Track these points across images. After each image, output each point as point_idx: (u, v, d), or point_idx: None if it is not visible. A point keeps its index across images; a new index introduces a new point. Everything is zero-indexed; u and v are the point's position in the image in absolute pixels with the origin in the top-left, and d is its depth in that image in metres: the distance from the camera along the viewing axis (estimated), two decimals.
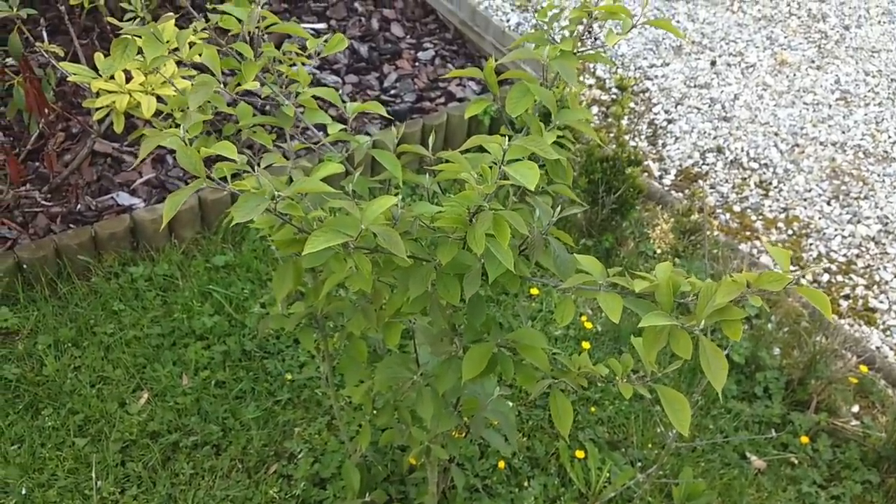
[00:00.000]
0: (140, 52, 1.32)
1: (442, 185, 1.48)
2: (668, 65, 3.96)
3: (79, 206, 2.67)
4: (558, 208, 1.24)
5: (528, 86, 1.34)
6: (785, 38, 4.18)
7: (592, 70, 3.86)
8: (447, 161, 1.20)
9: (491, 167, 1.13)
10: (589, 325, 2.60)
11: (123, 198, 2.75)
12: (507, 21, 4.11)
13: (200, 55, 1.20)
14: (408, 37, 3.70)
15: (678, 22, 4.24)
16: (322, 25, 3.62)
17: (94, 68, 2.10)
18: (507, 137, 1.16)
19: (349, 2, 3.77)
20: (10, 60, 2.53)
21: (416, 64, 3.55)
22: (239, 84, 1.28)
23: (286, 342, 2.45)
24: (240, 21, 1.22)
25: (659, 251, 2.94)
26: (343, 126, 1.33)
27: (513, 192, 1.38)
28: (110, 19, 1.33)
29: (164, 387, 2.28)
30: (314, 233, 1.07)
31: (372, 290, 1.33)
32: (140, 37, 1.25)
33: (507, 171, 1.09)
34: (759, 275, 1.05)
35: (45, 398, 2.21)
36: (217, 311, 2.50)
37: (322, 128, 1.44)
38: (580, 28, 1.42)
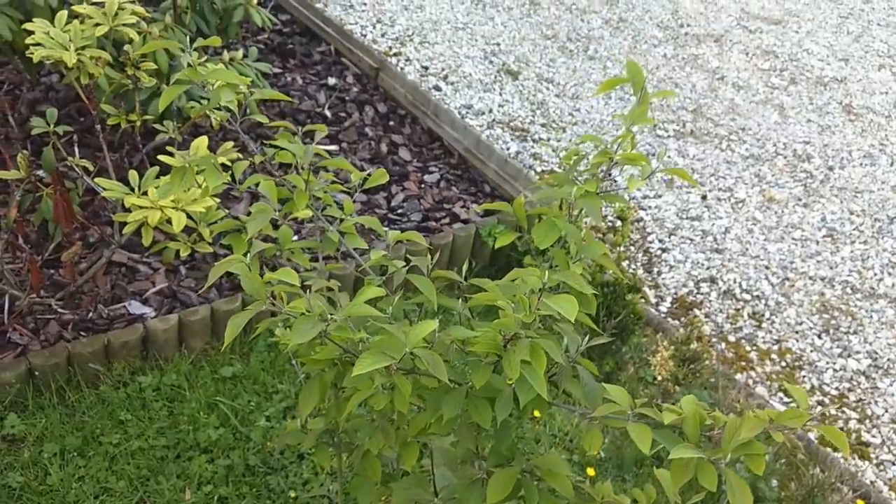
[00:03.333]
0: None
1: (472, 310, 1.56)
2: (660, 197, 4.13)
3: (90, 314, 2.71)
4: (587, 337, 1.31)
5: (556, 221, 1.44)
6: (772, 176, 4.40)
7: None
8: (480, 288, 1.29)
9: (529, 297, 1.20)
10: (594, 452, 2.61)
11: (135, 307, 2.80)
12: (508, 149, 4.31)
13: (258, 185, 1.30)
14: (415, 160, 3.87)
15: (669, 157, 4.45)
16: (334, 147, 3.78)
17: (124, 181, 2.21)
18: (542, 270, 1.25)
19: (360, 127, 3.96)
20: (40, 172, 2.64)
21: (423, 186, 3.70)
22: (287, 213, 1.37)
23: (290, 458, 2.45)
24: (294, 155, 1.32)
25: (659, 378, 2.99)
26: (384, 252, 1.42)
27: (538, 319, 1.46)
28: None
29: (166, 500, 2.26)
30: (362, 355, 1.13)
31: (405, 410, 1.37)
32: (175, 156, 1.35)
33: (545, 302, 1.16)
34: (781, 412, 1.11)
35: None
36: (223, 424, 2.50)
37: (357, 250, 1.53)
38: (601, 171, 1.54)
